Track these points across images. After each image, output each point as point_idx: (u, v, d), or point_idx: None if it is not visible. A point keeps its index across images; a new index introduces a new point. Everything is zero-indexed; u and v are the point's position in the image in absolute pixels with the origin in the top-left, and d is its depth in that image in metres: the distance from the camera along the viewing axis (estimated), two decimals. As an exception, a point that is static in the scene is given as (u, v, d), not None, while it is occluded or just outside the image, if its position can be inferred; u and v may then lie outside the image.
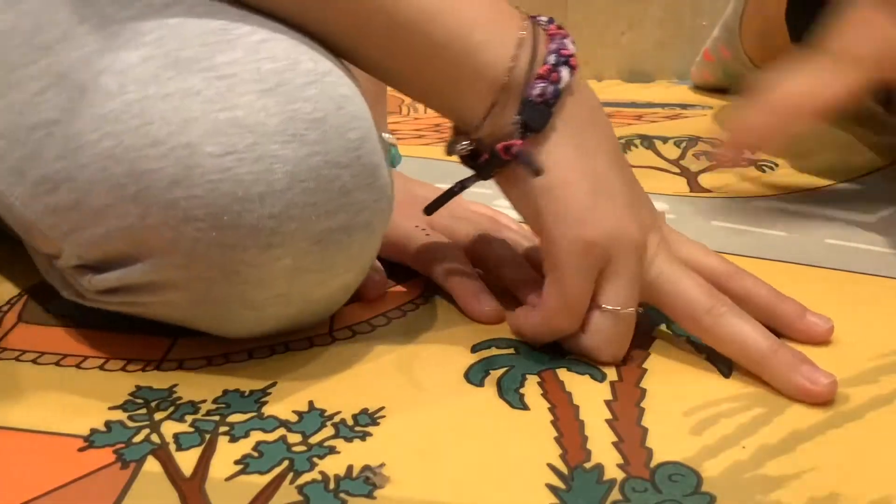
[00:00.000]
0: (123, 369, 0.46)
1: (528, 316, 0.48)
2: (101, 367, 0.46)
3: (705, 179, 0.77)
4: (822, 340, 0.49)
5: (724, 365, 0.47)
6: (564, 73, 0.45)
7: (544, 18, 0.47)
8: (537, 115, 0.45)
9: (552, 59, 0.45)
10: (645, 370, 0.47)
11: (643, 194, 0.49)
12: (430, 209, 0.50)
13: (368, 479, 0.38)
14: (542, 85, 0.44)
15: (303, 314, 0.46)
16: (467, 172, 0.48)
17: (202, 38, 0.41)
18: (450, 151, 0.48)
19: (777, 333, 0.47)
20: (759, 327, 0.46)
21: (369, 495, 0.37)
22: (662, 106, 1.01)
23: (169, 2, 0.43)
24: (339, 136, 0.41)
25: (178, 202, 0.40)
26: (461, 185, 0.48)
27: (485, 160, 0.46)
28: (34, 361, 0.47)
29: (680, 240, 0.50)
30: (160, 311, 0.45)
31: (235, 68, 0.40)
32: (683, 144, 0.85)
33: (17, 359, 0.47)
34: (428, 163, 0.80)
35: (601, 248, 0.45)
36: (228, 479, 0.38)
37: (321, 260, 0.42)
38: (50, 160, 0.43)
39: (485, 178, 0.47)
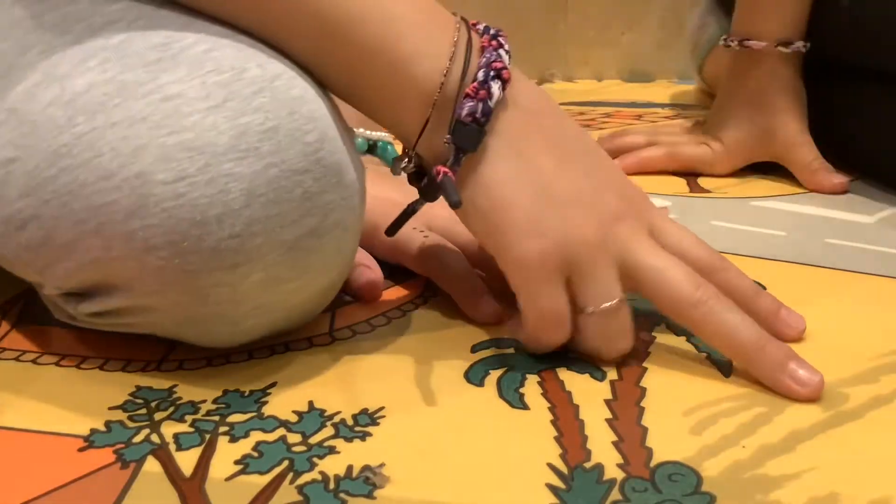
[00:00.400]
0: (123, 369, 0.46)
1: (518, 331, 0.48)
2: (101, 367, 0.46)
3: (705, 180, 0.77)
4: (793, 340, 0.48)
5: (724, 364, 0.47)
6: (495, 88, 0.43)
7: (481, 26, 0.46)
8: (469, 136, 0.43)
9: (481, 74, 0.43)
10: (645, 369, 0.47)
11: (612, 183, 0.47)
12: (391, 232, 0.48)
13: (368, 479, 0.38)
14: (471, 104, 0.43)
15: (288, 320, 0.46)
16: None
17: (145, 55, 0.41)
18: (394, 171, 0.47)
19: None
20: (747, 320, 0.45)
21: (369, 495, 0.37)
22: (662, 106, 1.01)
23: (110, 19, 0.42)
24: (295, 142, 0.40)
25: (137, 233, 0.40)
26: (412, 208, 0.47)
27: (426, 184, 0.45)
28: (34, 361, 0.47)
29: (665, 226, 0.48)
30: (147, 329, 0.45)
31: (181, 87, 0.40)
32: (683, 144, 0.85)
33: (17, 359, 0.47)
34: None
35: (555, 256, 0.44)
36: (228, 479, 0.38)
37: (294, 268, 0.42)
38: (14, 199, 0.42)
39: (431, 201, 0.46)
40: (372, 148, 0.66)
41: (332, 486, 0.38)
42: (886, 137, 0.74)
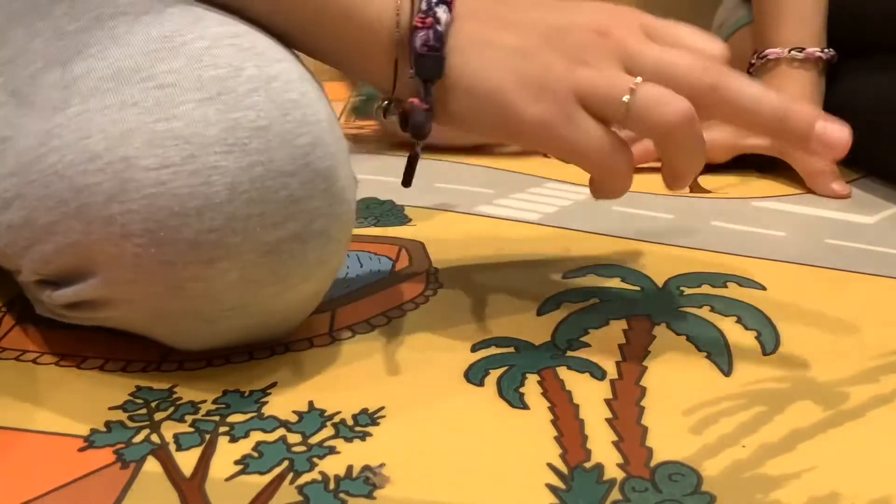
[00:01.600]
0: (123, 369, 0.46)
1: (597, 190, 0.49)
2: (101, 368, 0.46)
3: (705, 180, 0.77)
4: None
5: (724, 364, 0.47)
6: (440, 12, 0.44)
7: None
8: (430, 65, 0.44)
9: (424, 3, 0.44)
10: (645, 368, 0.47)
11: (583, 8, 0.46)
12: (406, 183, 0.49)
13: (368, 480, 0.38)
14: (423, 34, 0.44)
15: (266, 326, 0.45)
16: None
17: (145, 46, 0.41)
18: (384, 115, 0.47)
19: None
20: (764, 90, 0.44)
21: (369, 495, 0.37)
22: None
23: (118, 11, 0.42)
24: (286, 144, 0.40)
25: (116, 218, 0.40)
26: (414, 154, 0.48)
27: (408, 123, 0.46)
28: (34, 361, 0.47)
29: (656, 23, 0.47)
30: (122, 325, 0.45)
31: (175, 77, 0.40)
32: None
33: (17, 359, 0.47)
34: (429, 163, 0.80)
35: (561, 103, 0.44)
36: (228, 479, 0.38)
37: (273, 272, 0.41)
38: (2, 177, 0.43)
39: (422, 139, 0.46)
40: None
41: (332, 486, 0.38)
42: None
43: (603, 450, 0.40)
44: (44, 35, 0.43)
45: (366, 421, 0.42)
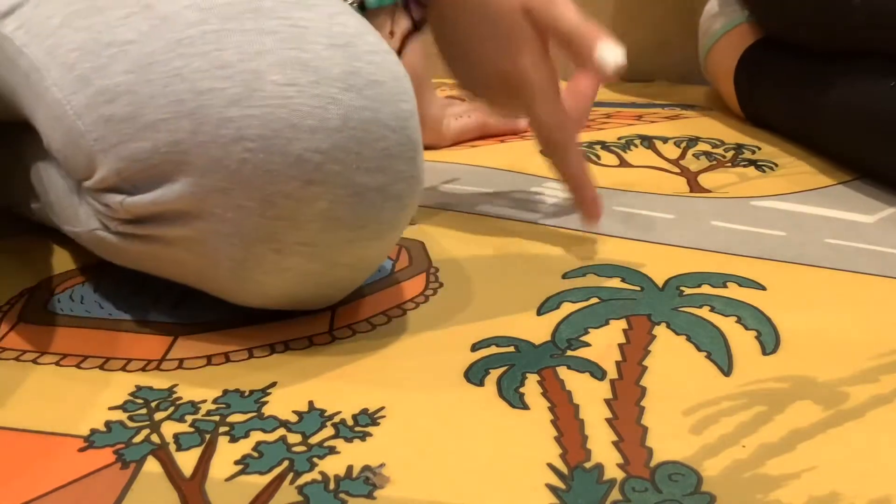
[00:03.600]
0: (123, 369, 0.46)
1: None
2: (101, 367, 0.46)
3: (705, 179, 0.77)
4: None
5: (724, 364, 0.47)
6: None
7: None
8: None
9: None
10: (645, 368, 0.47)
11: None
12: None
13: (368, 480, 0.38)
14: None
15: (320, 281, 0.47)
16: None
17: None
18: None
19: None
20: None
21: (369, 495, 0.37)
22: (662, 106, 1.01)
23: None
24: (393, 103, 0.44)
25: (233, 120, 0.42)
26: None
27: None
28: (34, 361, 0.47)
29: None
30: (185, 249, 0.45)
31: (309, 23, 0.43)
32: (683, 144, 0.85)
33: (17, 359, 0.47)
34: (429, 164, 0.80)
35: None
36: (228, 479, 0.38)
37: (355, 215, 0.44)
38: (117, 73, 0.44)
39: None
40: None
41: (332, 486, 0.38)
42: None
43: (603, 450, 0.40)
44: None
45: (366, 421, 0.42)
